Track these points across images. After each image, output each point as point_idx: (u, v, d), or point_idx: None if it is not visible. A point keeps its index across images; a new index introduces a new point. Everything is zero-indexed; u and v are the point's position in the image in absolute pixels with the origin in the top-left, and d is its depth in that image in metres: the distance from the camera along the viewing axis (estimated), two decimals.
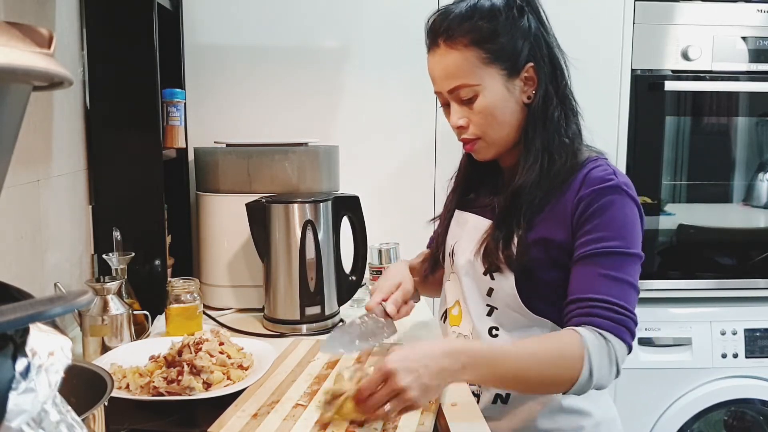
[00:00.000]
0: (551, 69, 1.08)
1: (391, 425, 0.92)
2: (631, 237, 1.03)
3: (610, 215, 1.02)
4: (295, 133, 1.87)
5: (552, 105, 1.08)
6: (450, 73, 1.07)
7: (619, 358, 0.98)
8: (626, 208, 1.04)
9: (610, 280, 1.00)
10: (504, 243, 1.07)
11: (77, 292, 0.37)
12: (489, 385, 1.06)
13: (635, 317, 1.00)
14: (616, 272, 1.00)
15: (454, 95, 1.08)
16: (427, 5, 2.01)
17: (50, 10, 1.28)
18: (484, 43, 1.04)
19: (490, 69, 1.05)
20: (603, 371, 0.96)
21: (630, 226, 1.03)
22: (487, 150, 1.12)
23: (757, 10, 1.98)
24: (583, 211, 1.03)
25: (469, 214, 1.20)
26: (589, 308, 0.99)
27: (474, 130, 1.09)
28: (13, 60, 0.36)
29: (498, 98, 1.06)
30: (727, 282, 2.07)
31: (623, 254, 1.01)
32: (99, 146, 1.45)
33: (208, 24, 1.87)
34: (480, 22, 1.04)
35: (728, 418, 2.12)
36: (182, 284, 1.38)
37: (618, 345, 0.98)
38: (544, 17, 1.10)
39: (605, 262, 1.01)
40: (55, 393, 0.40)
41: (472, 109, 1.07)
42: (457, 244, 1.19)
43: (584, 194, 1.03)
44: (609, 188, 1.03)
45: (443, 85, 1.09)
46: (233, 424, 0.93)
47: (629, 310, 1.00)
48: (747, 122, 2.07)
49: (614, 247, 1.01)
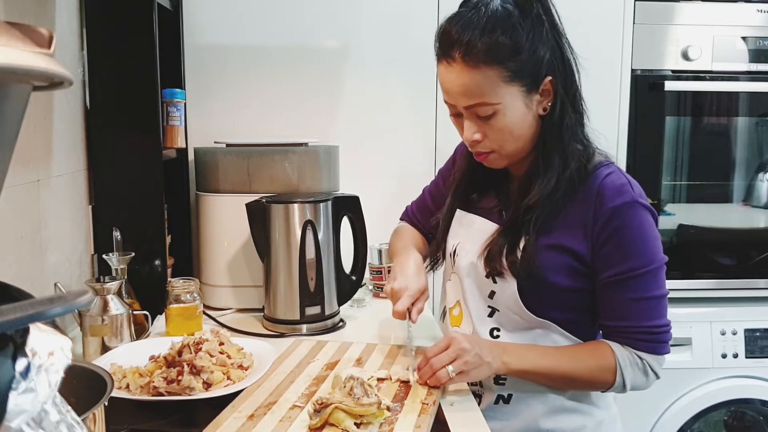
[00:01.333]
0: (565, 75, 1.06)
1: (387, 427, 0.92)
2: (653, 250, 1.05)
3: (630, 236, 1.03)
4: (295, 133, 1.87)
5: (567, 113, 1.07)
6: (468, 91, 1.01)
7: (656, 368, 1.07)
8: (645, 223, 1.04)
9: (642, 303, 1.04)
10: (509, 249, 1.07)
11: (77, 292, 0.37)
12: (530, 377, 1.09)
13: (669, 325, 1.07)
14: (645, 292, 1.04)
15: (470, 111, 1.04)
16: (427, 5, 2.02)
17: (50, 10, 1.28)
18: (506, 61, 0.99)
19: (511, 87, 1.01)
20: (638, 381, 1.07)
21: (650, 240, 1.04)
22: (500, 161, 1.10)
23: (757, 10, 1.98)
24: (601, 229, 1.03)
25: (475, 216, 1.18)
26: (625, 334, 1.06)
27: (489, 145, 1.07)
28: (13, 60, 0.36)
29: (517, 114, 1.03)
30: (727, 282, 2.07)
31: (647, 273, 1.03)
32: (99, 146, 1.45)
33: (208, 24, 1.87)
34: (502, 38, 0.98)
35: (728, 418, 2.12)
36: (182, 284, 1.38)
37: (653, 359, 1.06)
38: (557, 19, 1.06)
39: (633, 286, 1.04)
40: (55, 393, 0.40)
41: (489, 125, 1.04)
42: (460, 245, 1.18)
43: (603, 212, 1.03)
44: (626, 206, 1.02)
45: (459, 100, 1.04)
46: (229, 425, 0.93)
47: (663, 325, 1.06)
48: (747, 122, 2.07)
49: (639, 268, 1.03)
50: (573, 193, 1.05)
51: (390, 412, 0.96)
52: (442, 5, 1.87)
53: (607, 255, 1.04)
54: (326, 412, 0.90)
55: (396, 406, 0.99)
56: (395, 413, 0.97)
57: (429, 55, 2.00)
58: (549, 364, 1.06)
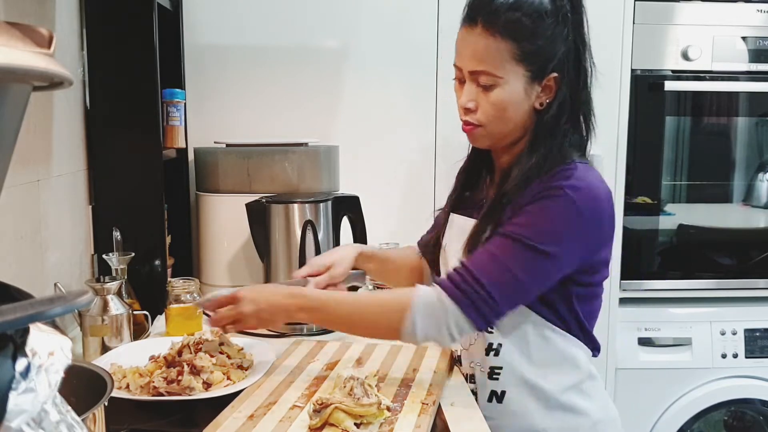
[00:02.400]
0: (575, 82, 1.07)
1: (387, 427, 0.92)
2: (548, 234, 1.01)
3: (534, 208, 1.02)
4: (295, 133, 1.87)
5: (564, 117, 1.07)
6: (478, 56, 1.04)
7: (453, 325, 1.00)
8: (559, 207, 1.01)
9: (490, 258, 1.01)
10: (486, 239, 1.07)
11: (77, 292, 0.37)
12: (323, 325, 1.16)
13: (496, 302, 0.99)
14: (502, 255, 1.01)
15: (473, 77, 1.07)
16: (427, 5, 2.02)
17: (50, 10, 1.28)
18: (521, 40, 1.02)
19: (517, 67, 1.04)
20: (429, 330, 1.01)
21: (548, 222, 1.01)
22: (483, 139, 1.11)
23: (757, 10, 1.98)
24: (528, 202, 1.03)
25: (458, 215, 1.20)
26: (455, 272, 1.02)
27: (480, 117, 1.08)
28: (13, 60, 0.36)
29: (514, 96, 1.05)
30: (727, 282, 2.07)
31: (523, 244, 1.00)
32: (99, 146, 1.45)
33: (208, 24, 1.87)
34: (524, 18, 1.02)
35: (728, 418, 2.12)
36: (182, 284, 1.38)
37: (454, 312, 0.99)
38: (586, 27, 1.08)
39: (501, 244, 1.01)
40: (55, 393, 0.40)
41: (486, 96, 1.06)
42: (448, 245, 1.20)
43: (536, 190, 1.03)
44: (550, 188, 1.02)
45: (467, 63, 1.07)
46: (229, 426, 0.93)
47: (486, 289, 0.99)
48: (747, 122, 2.07)
49: (516, 234, 1.01)
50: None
51: (390, 412, 0.96)
52: (442, 5, 1.87)
53: (510, 216, 1.03)
54: (326, 413, 0.91)
55: (396, 406, 0.99)
56: (395, 413, 0.97)
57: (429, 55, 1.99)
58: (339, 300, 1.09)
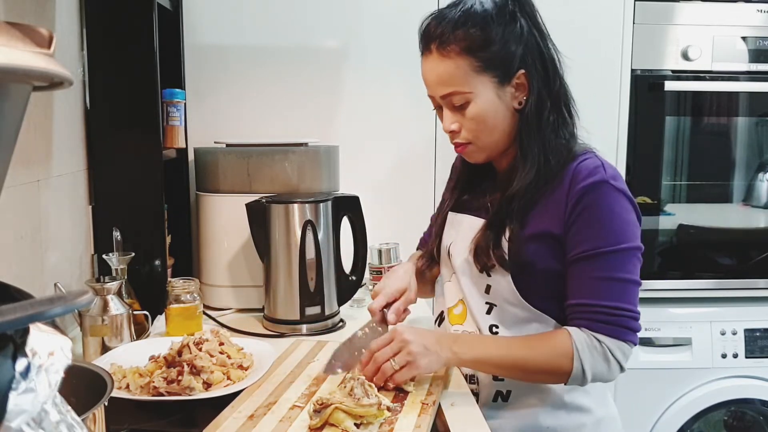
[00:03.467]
0: (544, 73, 1.08)
1: (387, 427, 0.92)
2: (622, 232, 1.03)
3: (599, 214, 1.03)
4: (295, 133, 1.87)
5: (546, 109, 1.08)
6: (443, 80, 1.07)
7: (618, 356, 1.02)
8: (615, 204, 1.04)
9: (605, 282, 1.03)
10: (495, 242, 1.08)
11: (77, 292, 0.37)
12: (482, 367, 1.09)
13: (634, 312, 1.03)
14: (610, 272, 1.03)
15: (447, 101, 1.09)
16: (427, 5, 2.02)
17: (50, 10, 1.28)
18: (476, 52, 1.04)
19: (482, 77, 1.05)
20: (599, 368, 1.02)
21: (619, 220, 1.04)
22: (478, 154, 1.13)
23: (757, 10, 1.98)
24: (573, 208, 1.04)
25: (464, 215, 1.20)
26: (583, 313, 1.04)
27: (465, 135, 1.10)
28: (13, 60, 0.36)
29: (489, 105, 1.07)
30: (727, 282, 2.07)
31: (614, 252, 1.02)
32: (99, 146, 1.45)
33: (208, 24, 1.87)
34: (472, 30, 1.04)
35: (728, 418, 2.12)
36: (182, 284, 1.38)
37: (613, 344, 1.02)
38: (539, 18, 1.10)
39: (597, 264, 1.03)
40: (55, 393, 0.40)
41: (464, 115, 1.08)
42: (453, 244, 1.20)
43: (574, 192, 1.04)
44: (595, 184, 1.03)
45: (436, 90, 1.10)
46: (229, 425, 0.93)
47: (625, 308, 1.03)
48: (747, 122, 2.07)
49: (605, 247, 1.02)
50: (552, 181, 1.07)
51: (390, 413, 0.96)
52: (442, 5, 1.87)
53: (576, 233, 1.04)
54: (326, 413, 0.91)
55: (396, 406, 0.99)
56: (395, 413, 0.97)
57: None
58: (501, 353, 1.05)
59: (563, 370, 1.02)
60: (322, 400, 0.92)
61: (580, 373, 1.02)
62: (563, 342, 1.02)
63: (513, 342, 1.07)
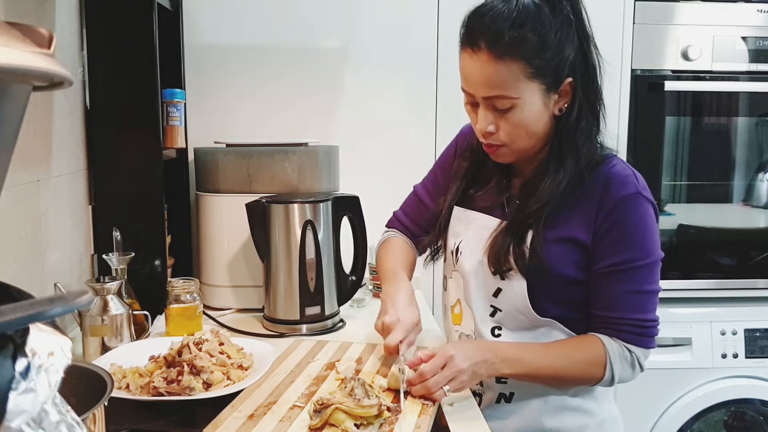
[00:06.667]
0: (588, 81, 1.06)
1: (387, 427, 0.92)
2: (652, 244, 1.06)
3: (632, 228, 1.04)
4: (295, 133, 1.87)
5: (584, 117, 1.06)
6: (491, 83, 1.01)
7: (642, 361, 1.09)
8: (647, 216, 1.05)
9: (635, 295, 1.05)
10: (515, 246, 1.07)
11: (77, 292, 0.37)
12: (521, 379, 1.10)
13: (657, 321, 1.08)
14: (639, 285, 1.05)
15: (488, 102, 1.04)
16: (427, 5, 2.02)
17: (50, 10, 1.28)
18: (531, 58, 0.99)
19: (531, 83, 1.01)
20: (626, 374, 1.07)
21: (650, 233, 1.05)
22: (509, 156, 1.10)
23: (757, 10, 1.98)
24: (605, 219, 1.04)
25: (475, 213, 1.17)
26: (615, 325, 1.06)
27: (502, 138, 1.06)
28: (13, 60, 0.36)
29: (534, 112, 1.03)
30: (727, 282, 2.07)
31: (645, 266, 1.05)
32: (99, 146, 1.45)
33: (208, 24, 1.87)
34: (530, 34, 0.98)
35: (728, 418, 2.12)
36: (182, 284, 1.38)
37: (641, 352, 1.07)
38: (585, 18, 1.05)
39: (629, 278, 1.05)
40: (55, 393, 0.40)
41: (504, 118, 1.04)
42: (463, 242, 1.17)
43: (607, 201, 1.04)
44: (631, 197, 1.03)
45: (479, 90, 1.03)
46: (229, 425, 0.93)
47: (653, 320, 1.07)
48: (747, 122, 2.07)
49: (636, 261, 1.04)
50: (581, 185, 1.06)
51: (390, 413, 0.96)
52: (442, 5, 1.87)
53: (607, 245, 1.04)
54: (326, 413, 0.91)
55: (396, 407, 0.99)
56: (395, 413, 0.97)
57: (429, 55, 1.99)
58: (541, 366, 1.06)
59: (596, 377, 1.07)
60: (322, 400, 0.92)
61: (609, 380, 1.06)
62: (597, 352, 1.05)
63: (551, 353, 1.08)
